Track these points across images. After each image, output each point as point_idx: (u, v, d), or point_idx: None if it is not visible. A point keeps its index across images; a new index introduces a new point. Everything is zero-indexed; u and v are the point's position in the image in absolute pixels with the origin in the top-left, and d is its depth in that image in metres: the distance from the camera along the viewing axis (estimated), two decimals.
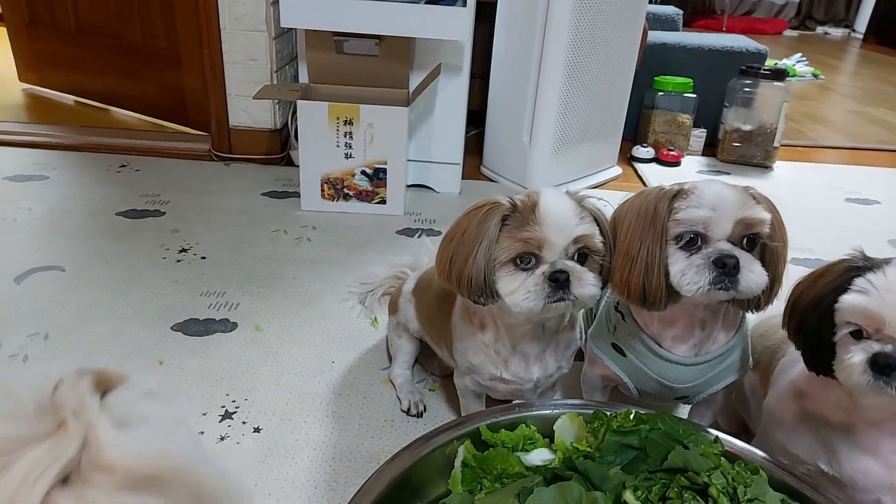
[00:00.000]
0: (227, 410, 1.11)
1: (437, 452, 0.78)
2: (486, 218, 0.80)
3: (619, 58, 2.15)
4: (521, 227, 0.79)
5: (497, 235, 0.80)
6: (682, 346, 0.88)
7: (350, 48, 1.84)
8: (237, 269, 1.57)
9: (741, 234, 0.77)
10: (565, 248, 0.79)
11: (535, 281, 0.78)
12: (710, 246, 0.77)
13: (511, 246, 0.79)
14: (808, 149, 2.92)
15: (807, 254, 1.81)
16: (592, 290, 0.80)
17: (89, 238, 1.68)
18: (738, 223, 0.76)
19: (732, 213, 0.76)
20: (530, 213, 0.79)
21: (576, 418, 0.80)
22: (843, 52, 6.23)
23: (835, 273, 0.69)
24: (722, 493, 0.61)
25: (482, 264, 0.79)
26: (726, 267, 0.75)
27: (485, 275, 0.80)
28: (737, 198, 0.77)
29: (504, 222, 0.80)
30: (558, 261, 0.79)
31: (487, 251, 0.79)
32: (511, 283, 0.79)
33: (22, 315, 1.33)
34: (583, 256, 0.81)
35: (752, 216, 0.76)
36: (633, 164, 2.53)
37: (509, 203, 0.81)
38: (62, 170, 2.10)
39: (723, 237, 0.77)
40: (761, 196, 0.81)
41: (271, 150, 2.29)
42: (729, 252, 0.75)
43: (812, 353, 0.71)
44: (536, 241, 0.78)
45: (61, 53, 2.76)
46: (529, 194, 0.82)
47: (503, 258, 0.79)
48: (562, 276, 0.78)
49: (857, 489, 0.72)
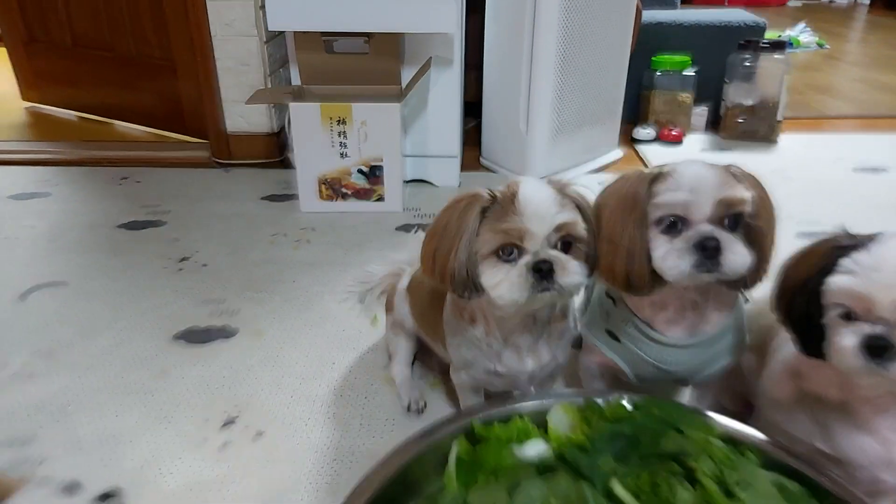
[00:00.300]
0: (229, 416, 1.12)
1: (431, 449, 0.78)
2: (465, 211, 0.79)
3: (613, 39, 2.12)
4: (501, 218, 0.78)
5: (477, 228, 0.78)
6: (675, 328, 0.86)
7: (340, 47, 1.84)
8: (237, 275, 1.58)
9: (722, 215, 0.75)
10: (547, 237, 0.78)
11: (518, 272, 0.77)
12: (692, 229, 0.76)
13: (492, 238, 0.78)
14: (814, 120, 2.87)
15: (814, 226, 1.78)
16: (577, 279, 0.79)
17: (91, 252, 1.69)
18: (718, 203, 0.75)
19: (712, 193, 0.74)
20: (510, 203, 0.78)
21: (569, 408, 0.79)
22: (850, 20, 6.11)
23: (819, 254, 0.67)
24: (709, 478, 0.60)
25: (464, 258, 0.78)
26: (707, 250, 0.73)
27: (467, 269, 0.78)
28: (716, 178, 0.75)
29: (484, 214, 0.79)
30: (541, 250, 0.78)
31: (469, 245, 0.78)
32: (494, 275, 0.78)
33: (26, 332, 1.35)
34: (566, 245, 0.80)
35: (731, 196, 0.74)
36: (634, 145, 2.50)
37: (489, 195, 0.80)
38: (64, 185, 2.12)
39: (703, 219, 0.75)
40: (743, 173, 0.79)
41: (269, 154, 2.29)
42: (710, 234, 0.74)
43: (803, 336, 0.69)
44: (517, 231, 0.77)
45: (60, 70, 2.79)
46: (509, 185, 0.81)
47: (485, 251, 0.78)
48: (545, 266, 0.76)
49: (854, 466, 0.71)
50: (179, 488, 0.97)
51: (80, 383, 1.20)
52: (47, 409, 1.13)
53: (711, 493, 0.61)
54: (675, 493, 0.62)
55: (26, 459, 1.02)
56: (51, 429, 1.09)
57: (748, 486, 0.60)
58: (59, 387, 1.19)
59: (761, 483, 0.61)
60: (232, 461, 1.02)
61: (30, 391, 1.18)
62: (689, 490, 0.62)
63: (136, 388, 1.19)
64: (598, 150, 2.32)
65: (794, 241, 0.78)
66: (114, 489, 0.96)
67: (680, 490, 0.61)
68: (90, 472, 1.00)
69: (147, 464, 1.01)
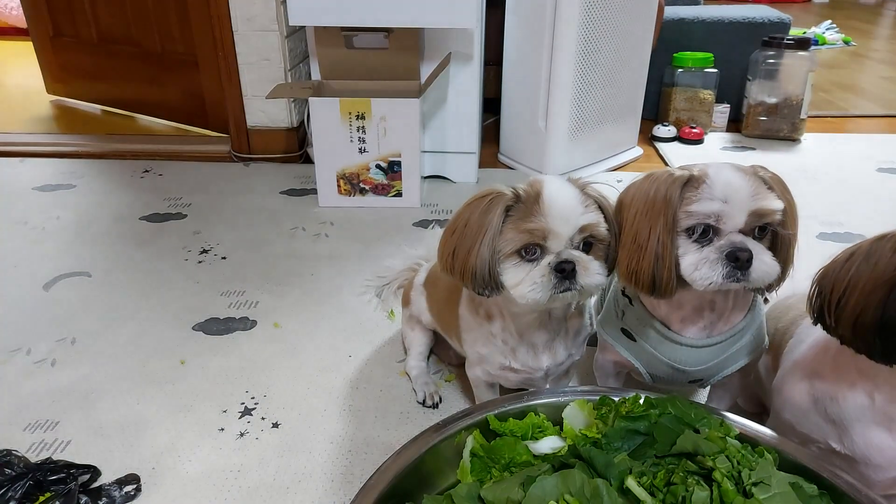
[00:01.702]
0: (246, 407, 1.13)
1: (446, 443, 0.78)
2: (488, 209, 0.79)
3: (634, 36, 2.10)
4: (525, 217, 0.78)
5: (500, 227, 0.79)
6: (692, 328, 0.86)
7: (360, 42, 1.84)
8: (257, 268, 1.59)
9: (754, 225, 0.75)
10: (570, 237, 0.78)
11: (540, 272, 0.77)
12: (722, 238, 0.75)
13: (516, 237, 0.78)
14: (839, 119, 2.83)
15: (836, 228, 1.75)
16: (599, 279, 0.79)
17: (114, 243, 1.72)
18: (750, 214, 0.74)
19: (745, 204, 0.74)
20: (534, 203, 0.78)
21: (585, 405, 0.79)
22: (877, 17, 5.99)
23: (888, 251, 0.62)
24: (726, 477, 0.60)
25: (486, 256, 0.78)
26: (739, 261, 0.73)
27: (489, 267, 0.79)
28: (749, 188, 0.74)
29: (507, 213, 0.79)
30: (564, 251, 0.78)
31: (491, 243, 0.78)
32: (516, 274, 0.79)
33: (50, 320, 1.38)
34: (588, 245, 0.80)
35: (764, 207, 0.74)
36: (654, 143, 2.48)
37: (512, 193, 0.80)
38: (88, 178, 2.16)
39: (735, 229, 0.75)
40: (773, 178, 0.77)
41: (289, 149, 2.31)
42: (742, 245, 0.73)
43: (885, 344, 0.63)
44: (542, 231, 0.77)
45: (85, 64, 2.83)
46: (532, 183, 0.81)
47: (508, 250, 0.78)
48: (568, 267, 0.77)
49: (870, 466, 0.70)
50: (198, 475, 0.99)
51: (103, 371, 1.22)
52: (71, 396, 1.15)
53: (728, 492, 0.61)
54: (690, 492, 0.61)
55: (50, 444, 1.04)
56: (74, 415, 1.11)
57: (765, 487, 0.60)
58: (82, 374, 1.21)
59: (778, 483, 0.60)
60: (249, 450, 1.04)
61: (54, 378, 1.20)
62: (705, 489, 0.61)
63: (157, 377, 1.21)
64: (617, 147, 2.30)
65: (816, 242, 0.77)
66: (134, 475, 0.97)
67: (696, 488, 0.60)
68: (111, 457, 1.02)
69: (167, 451, 1.03)
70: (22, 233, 1.78)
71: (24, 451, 1.01)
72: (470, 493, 0.69)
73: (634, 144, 2.38)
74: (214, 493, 0.96)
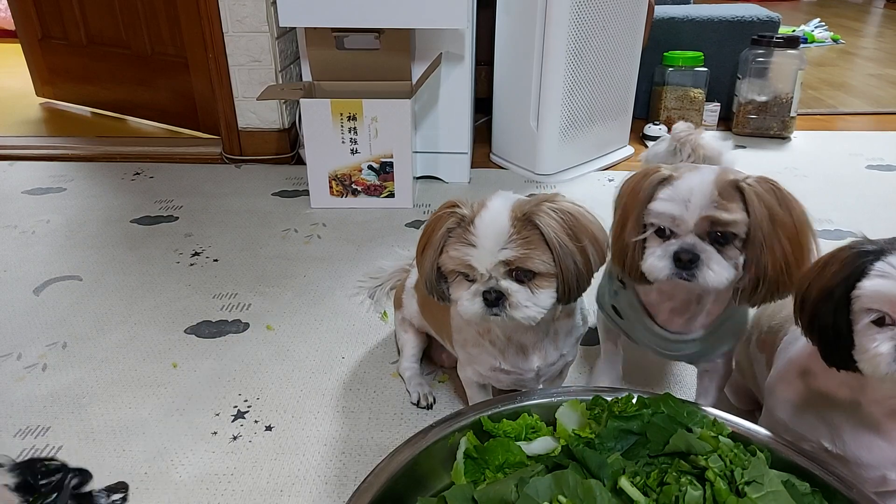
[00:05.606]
0: (239, 410, 1.13)
1: (439, 444, 0.78)
2: (435, 226, 0.82)
3: (625, 35, 2.11)
4: (457, 242, 0.79)
5: (442, 246, 0.81)
6: (677, 319, 0.88)
7: (350, 43, 1.84)
8: (249, 270, 1.59)
9: (708, 230, 0.76)
10: (491, 269, 0.78)
11: (472, 293, 0.79)
12: (678, 238, 0.78)
13: (448, 261, 0.80)
14: (828, 117, 2.85)
15: (826, 225, 1.77)
16: (528, 312, 0.78)
17: (105, 246, 1.71)
18: (703, 219, 0.76)
19: (698, 210, 0.75)
20: (467, 228, 0.79)
21: (578, 405, 0.79)
22: (865, 15, 6.03)
23: (842, 261, 0.64)
24: (719, 476, 0.60)
25: (429, 272, 0.83)
26: (682, 261, 0.76)
27: (434, 280, 0.83)
28: (707, 195, 0.75)
29: (450, 233, 0.80)
30: (490, 280, 0.78)
31: (434, 261, 0.82)
32: (456, 290, 0.82)
33: (41, 325, 1.37)
34: (529, 273, 0.79)
35: (718, 216, 0.75)
36: (645, 143, 2.49)
37: (459, 214, 0.80)
38: (78, 181, 2.15)
39: (688, 231, 0.77)
40: (753, 190, 0.76)
41: (281, 150, 2.30)
42: (688, 248, 0.76)
43: (830, 346, 0.67)
44: (462, 263, 0.79)
45: (74, 66, 2.81)
46: (477, 206, 0.81)
47: (446, 268, 0.81)
48: (490, 297, 0.78)
49: (861, 465, 0.71)
50: (190, 479, 0.98)
51: (94, 376, 1.21)
52: (62, 401, 1.15)
53: (720, 491, 0.61)
54: (684, 491, 0.61)
55: (41, 449, 1.04)
56: (65, 420, 1.10)
57: (757, 486, 0.60)
58: (73, 379, 1.20)
59: (770, 482, 0.61)
60: (242, 453, 1.03)
61: (45, 383, 1.19)
62: (698, 488, 0.62)
63: (149, 380, 1.20)
64: (608, 146, 2.31)
65: None
66: (126, 479, 0.97)
67: (689, 488, 0.60)
68: (103, 462, 1.01)
69: (159, 455, 1.03)
70: (12, 236, 1.77)
71: (16, 457, 1.00)
72: (464, 495, 0.69)
73: (626, 143, 2.39)
74: (208, 498, 0.95)
